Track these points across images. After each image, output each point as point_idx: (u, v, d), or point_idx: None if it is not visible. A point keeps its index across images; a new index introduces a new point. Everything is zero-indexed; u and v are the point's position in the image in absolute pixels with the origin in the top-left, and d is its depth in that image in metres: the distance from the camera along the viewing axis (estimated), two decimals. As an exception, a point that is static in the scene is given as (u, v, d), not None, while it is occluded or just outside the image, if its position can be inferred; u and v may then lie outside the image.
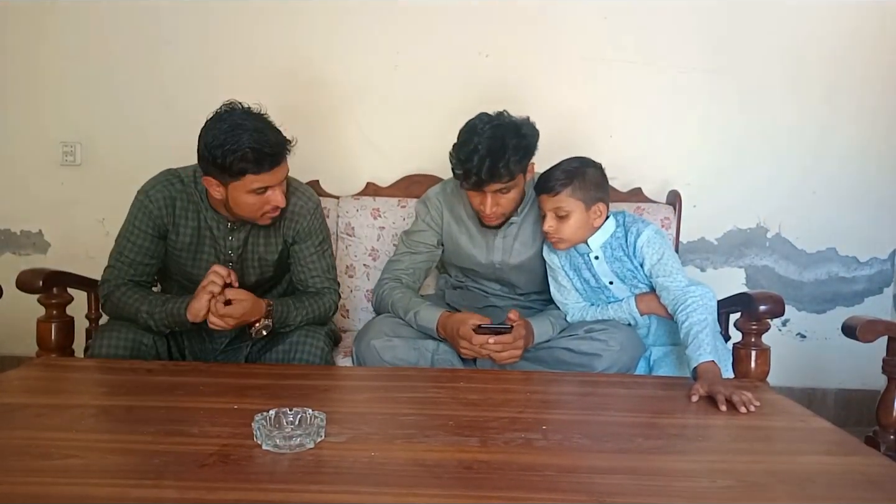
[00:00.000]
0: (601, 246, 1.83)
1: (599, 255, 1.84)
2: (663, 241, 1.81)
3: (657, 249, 1.78)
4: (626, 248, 1.82)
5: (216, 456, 1.11)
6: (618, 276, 1.84)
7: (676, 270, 1.77)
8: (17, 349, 2.57)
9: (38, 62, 2.62)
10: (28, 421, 1.26)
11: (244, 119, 1.61)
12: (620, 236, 1.83)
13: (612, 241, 1.83)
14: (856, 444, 1.26)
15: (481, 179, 1.73)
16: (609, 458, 1.16)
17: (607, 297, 1.89)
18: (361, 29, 2.54)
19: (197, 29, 2.57)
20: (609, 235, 1.83)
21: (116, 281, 1.77)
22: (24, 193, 2.69)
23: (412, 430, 1.25)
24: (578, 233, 1.80)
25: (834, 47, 2.51)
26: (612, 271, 1.84)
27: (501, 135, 1.73)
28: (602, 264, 1.84)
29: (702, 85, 2.53)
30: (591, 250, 1.84)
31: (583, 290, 1.90)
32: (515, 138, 1.74)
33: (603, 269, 1.85)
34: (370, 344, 1.78)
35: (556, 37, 2.53)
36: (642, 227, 1.81)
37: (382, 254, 2.37)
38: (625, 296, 1.86)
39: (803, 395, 2.59)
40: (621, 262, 1.83)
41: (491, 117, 1.79)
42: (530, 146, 1.79)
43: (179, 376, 1.59)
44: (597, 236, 1.83)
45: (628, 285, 1.85)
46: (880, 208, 2.58)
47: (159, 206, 1.77)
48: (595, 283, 1.87)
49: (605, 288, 1.87)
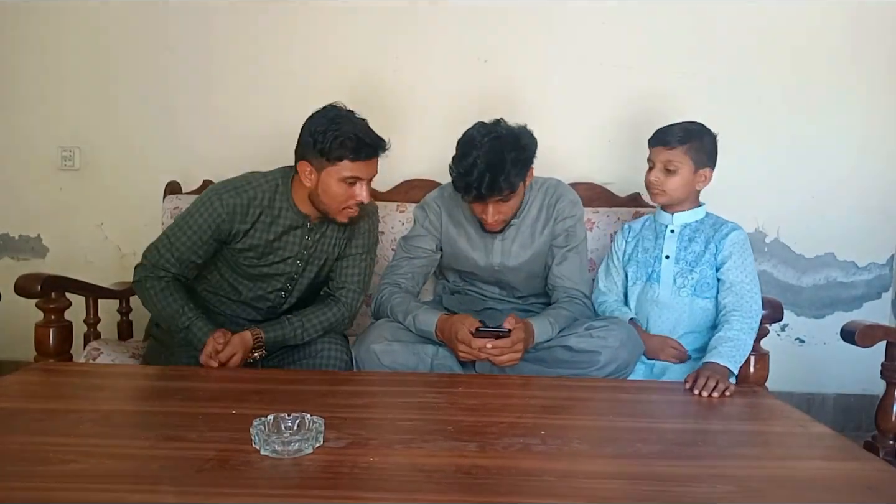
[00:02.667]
0: (682, 224, 1.91)
1: (675, 231, 1.91)
2: (749, 249, 1.88)
3: (742, 250, 1.85)
4: (710, 237, 1.88)
5: (214, 461, 1.11)
6: (675, 256, 1.90)
7: (751, 281, 1.82)
8: (15, 354, 2.57)
9: (38, 67, 2.63)
10: (26, 426, 1.26)
11: (348, 114, 1.73)
12: (708, 226, 1.90)
13: (696, 225, 1.91)
14: (855, 450, 1.26)
15: (482, 194, 1.75)
16: (608, 464, 1.16)
17: (652, 271, 1.93)
18: (360, 34, 2.55)
19: (197, 35, 2.58)
20: (695, 219, 1.91)
21: (158, 272, 1.80)
22: (23, 198, 2.69)
23: (411, 435, 1.25)
24: (679, 190, 1.87)
25: (833, 53, 2.52)
26: (676, 248, 1.90)
27: (500, 148, 1.74)
28: (672, 240, 1.90)
29: (700, 90, 2.53)
30: (672, 223, 1.91)
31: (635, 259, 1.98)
32: (514, 151, 1.75)
33: (670, 245, 1.91)
34: (370, 348, 1.78)
35: (555, 42, 2.54)
36: (737, 226, 1.89)
37: (381, 259, 2.36)
38: (671, 275, 1.90)
39: (802, 400, 2.59)
40: (691, 246, 1.89)
41: (488, 128, 1.79)
42: (529, 157, 1.81)
43: (178, 381, 1.58)
44: (684, 214, 1.91)
45: (681, 267, 1.89)
46: (879, 213, 2.58)
47: (229, 212, 1.77)
48: (652, 253, 1.94)
49: (658, 260, 1.92)
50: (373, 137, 1.72)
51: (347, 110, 1.74)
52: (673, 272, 1.90)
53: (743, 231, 1.89)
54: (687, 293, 1.88)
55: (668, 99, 2.53)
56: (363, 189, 1.73)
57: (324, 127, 1.68)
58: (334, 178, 1.71)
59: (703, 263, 1.87)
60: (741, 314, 1.76)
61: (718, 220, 1.92)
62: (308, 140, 1.70)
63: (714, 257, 1.86)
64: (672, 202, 1.91)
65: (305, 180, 1.75)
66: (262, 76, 2.56)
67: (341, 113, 1.72)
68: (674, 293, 1.89)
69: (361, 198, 1.74)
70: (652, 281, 1.93)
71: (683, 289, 1.88)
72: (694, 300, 1.87)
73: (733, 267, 1.83)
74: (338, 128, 1.67)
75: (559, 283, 1.97)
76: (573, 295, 1.95)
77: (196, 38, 2.58)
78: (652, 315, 1.92)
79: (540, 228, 1.98)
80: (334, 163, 1.69)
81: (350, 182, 1.72)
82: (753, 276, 1.84)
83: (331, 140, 1.66)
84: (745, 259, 1.84)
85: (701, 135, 1.87)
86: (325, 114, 1.72)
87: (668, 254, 1.91)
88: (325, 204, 1.76)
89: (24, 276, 1.85)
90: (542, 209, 1.99)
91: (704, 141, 1.87)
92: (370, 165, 1.73)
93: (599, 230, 2.35)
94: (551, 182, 2.04)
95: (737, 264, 1.83)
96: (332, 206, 1.76)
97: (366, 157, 1.70)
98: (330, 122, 1.68)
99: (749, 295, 1.79)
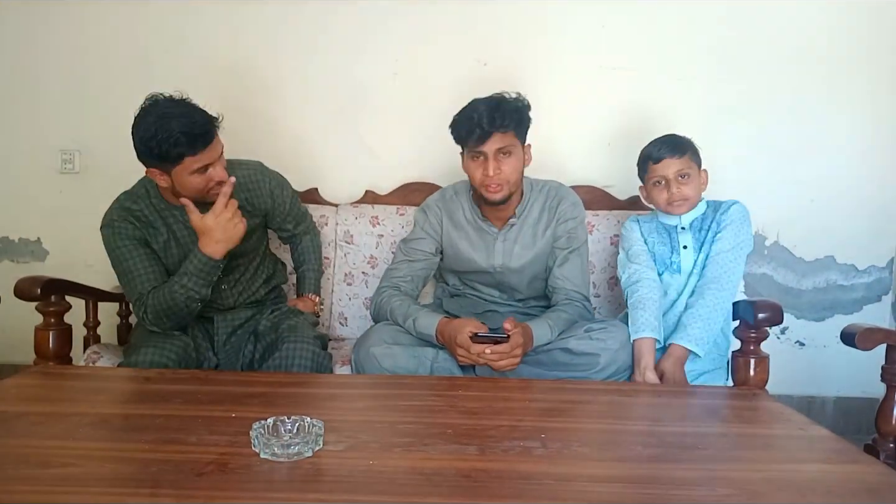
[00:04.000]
0: (690, 221, 1.96)
1: (686, 228, 1.96)
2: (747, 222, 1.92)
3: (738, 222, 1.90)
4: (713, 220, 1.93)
5: (214, 464, 1.11)
6: (692, 246, 1.95)
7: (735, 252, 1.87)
8: (14, 357, 2.57)
9: (38, 70, 2.63)
10: (25, 429, 1.26)
11: (169, 107, 1.69)
12: (710, 213, 1.96)
13: (701, 217, 1.97)
14: (855, 453, 1.25)
15: (483, 130, 1.79)
16: (608, 467, 1.16)
17: (672, 262, 1.97)
18: (360, 37, 2.55)
19: (197, 37, 2.58)
20: (700, 213, 1.97)
21: (145, 295, 1.81)
22: (23, 201, 2.69)
23: (411, 438, 1.25)
24: (697, 194, 1.95)
25: (833, 56, 2.52)
26: (692, 238, 1.96)
27: (498, 96, 1.86)
28: (686, 234, 1.96)
29: (699, 93, 2.54)
30: (681, 223, 1.96)
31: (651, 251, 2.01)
32: (509, 99, 1.87)
33: (685, 237, 1.96)
34: (370, 351, 1.78)
35: (554, 45, 2.54)
36: (736, 202, 1.94)
37: (381, 261, 2.37)
38: (689, 264, 1.94)
39: (802, 402, 2.59)
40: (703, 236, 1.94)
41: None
42: (524, 110, 1.88)
43: (177, 384, 1.58)
44: (690, 214, 1.96)
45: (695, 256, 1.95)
46: (878, 216, 2.58)
47: (129, 223, 1.83)
48: (669, 248, 1.98)
49: (676, 251, 1.96)
50: (201, 125, 1.69)
51: (167, 101, 1.70)
52: (693, 260, 1.95)
53: (742, 205, 1.93)
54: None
55: (668, 102, 2.54)
56: (217, 168, 1.75)
57: (151, 133, 1.65)
58: (185, 175, 1.72)
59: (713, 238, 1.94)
60: (717, 287, 1.83)
61: (718, 203, 1.97)
62: (143, 150, 1.69)
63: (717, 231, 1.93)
64: (691, 208, 1.96)
65: (161, 182, 1.77)
66: (264, 79, 2.57)
67: (162, 109, 1.67)
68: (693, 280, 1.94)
69: (218, 177, 1.76)
70: (672, 271, 1.97)
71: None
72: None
73: (723, 237, 1.89)
74: (165, 129, 1.64)
75: (559, 284, 1.97)
76: (573, 297, 1.95)
77: (197, 42, 2.58)
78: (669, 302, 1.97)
79: (542, 230, 1.99)
80: (177, 162, 1.69)
81: (201, 171, 1.73)
82: (741, 248, 1.89)
83: (163, 143, 1.64)
84: (738, 231, 1.89)
85: (690, 140, 1.97)
86: (146, 117, 1.67)
87: (685, 244, 1.96)
88: (190, 196, 1.77)
89: (23, 279, 1.85)
90: (544, 210, 2.00)
91: (692, 144, 1.97)
92: (211, 150, 1.73)
93: (599, 233, 2.35)
94: (553, 184, 2.04)
95: (727, 235, 1.89)
96: (198, 194, 1.77)
97: (204, 146, 1.70)
98: (156, 125, 1.64)
99: (730, 265, 1.85)
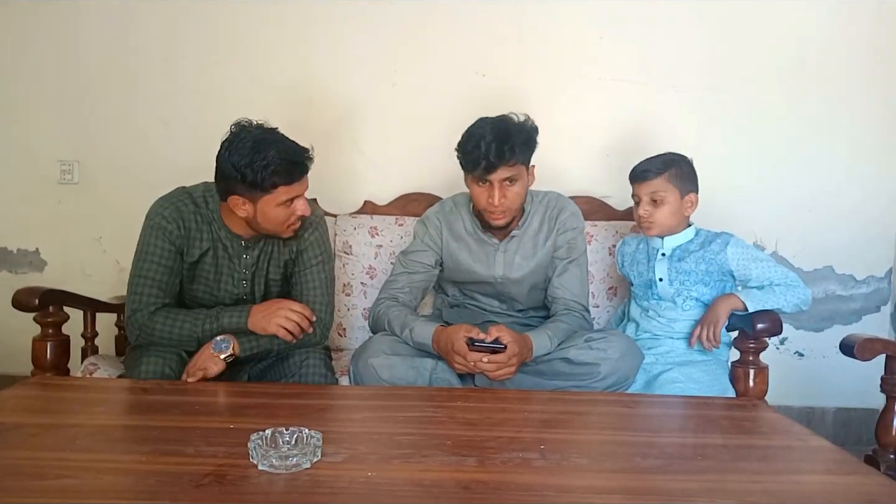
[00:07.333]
0: (673, 248, 1.92)
1: (666, 254, 1.93)
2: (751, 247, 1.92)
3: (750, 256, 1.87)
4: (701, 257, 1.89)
5: (212, 476, 1.10)
6: (669, 277, 1.92)
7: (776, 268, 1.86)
8: (12, 368, 2.56)
9: (37, 80, 2.63)
10: (23, 440, 1.25)
11: (263, 134, 1.64)
12: (697, 244, 1.91)
13: (687, 245, 1.93)
14: (855, 464, 1.25)
15: (490, 163, 1.78)
16: (607, 478, 1.15)
17: (652, 293, 1.95)
18: (360, 47, 2.56)
19: (196, 47, 2.59)
20: (685, 240, 1.93)
21: (148, 309, 1.74)
22: (22, 211, 2.69)
23: (410, 449, 1.24)
24: (670, 219, 1.89)
25: (830, 67, 2.53)
26: (668, 269, 1.92)
27: (504, 124, 1.83)
28: (663, 263, 1.92)
29: (698, 103, 2.55)
30: (663, 247, 1.93)
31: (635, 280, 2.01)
32: (518, 126, 1.84)
33: (661, 267, 1.92)
34: (368, 362, 1.77)
35: (552, 56, 2.55)
36: (727, 235, 1.91)
37: (380, 272, 2.37)
38: (668, 296, 1.92)
39: (802, 413, 2.58)
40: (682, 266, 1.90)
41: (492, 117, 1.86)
42: (532, 136, 1.86)
43: (175, 396, 1.58)
44: (674, 238, 1.92)
45: (676, 288, 1.91)
46: (877, 227, 2.58)
47: (176, 225, 1.76)
48: (646, 276, 1.96)
49: (654, 283, 1.93)
50: (299, 153, 1.66)
51: (260, 128, 1.66)
52: (670, 293, 1.92)
53: (735, 237, 1.91)
54: (689, 306, 1.91)
55: (666, 113, 2.55)
56: (302, 202, 1.71)
57: (248, 159, 1.59)
58: (272, 205, 1.67)
59: (697, 283, 1.89)
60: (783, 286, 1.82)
61: (707, 235, 1.94)
62: (233, 175, 1.61)
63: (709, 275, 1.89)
64: (664, 233, 1.92)
65: (240, 212, 1.69)
66: (262, 89, 2.57)
67: (256, 136, 1.62)
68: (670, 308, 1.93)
69: (302, 211, 1.72)
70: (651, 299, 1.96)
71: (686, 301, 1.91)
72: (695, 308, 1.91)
73: (759, 272, 1.85)
74: (263, 156, 1.59)
75: (559, 294, 1.97)
76: (572, 307, 1.95)
77: (196, 52, 2.59)
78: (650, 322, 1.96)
79: (542, 240, 1.99)
80: (270, 191, 1.64)
81: (288, 203, 1.69)
82: (771, 263, 1.87)
83: (259, 171, 1.59)
84: (758, 259, 1.88)
85: (677, 161, 1.90)
86: (240, 143, 1.61)
87: (660, 276, 1.93)
88: (268, 228, 1.73)
89: (21, 289, 1.84)
90: (545, 221, 2.00)
91: (682, 167, 1.90)
92: (304, 182, 1.70)
93: (598, 243, 2.35)
94: (552, 195, 2.05)
95: (759, 268, 1.86)
96: (276, 227, 1.73)
97: (300, 176, 1.67)
98: (252, 152, 1.60)
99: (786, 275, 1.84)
